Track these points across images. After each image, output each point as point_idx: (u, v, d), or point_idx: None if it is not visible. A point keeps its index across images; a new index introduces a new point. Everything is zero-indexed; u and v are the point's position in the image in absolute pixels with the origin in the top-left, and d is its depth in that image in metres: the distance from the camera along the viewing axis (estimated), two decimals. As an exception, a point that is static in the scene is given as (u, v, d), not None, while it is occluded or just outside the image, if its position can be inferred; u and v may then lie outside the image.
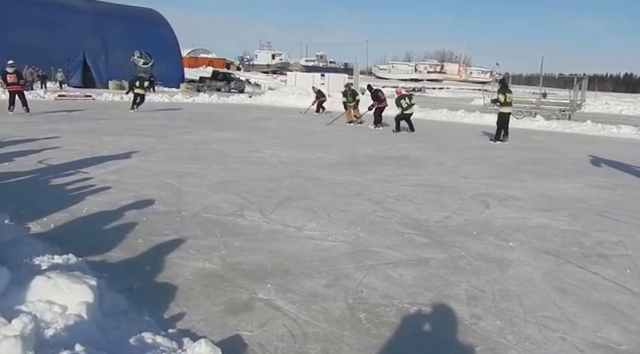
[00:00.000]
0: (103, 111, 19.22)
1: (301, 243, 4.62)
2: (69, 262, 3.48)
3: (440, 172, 8.84)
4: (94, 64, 38.19)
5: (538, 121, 20.60)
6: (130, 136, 11.76)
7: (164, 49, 41.37)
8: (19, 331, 2.25)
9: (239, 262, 4.05)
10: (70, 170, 7.46)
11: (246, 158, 9.38)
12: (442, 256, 4.41)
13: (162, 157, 9.07)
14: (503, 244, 4.82)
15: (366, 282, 3.76)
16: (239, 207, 5.78)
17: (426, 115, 23.59)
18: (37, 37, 34.52)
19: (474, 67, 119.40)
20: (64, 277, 2.90)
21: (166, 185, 6.77)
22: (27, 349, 2.21)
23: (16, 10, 35.26)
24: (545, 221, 5.74)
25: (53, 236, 4.46)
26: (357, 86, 39.55)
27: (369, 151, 11.06)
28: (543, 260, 4.43)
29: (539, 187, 7.80)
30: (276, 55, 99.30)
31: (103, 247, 4.22)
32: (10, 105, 16.25)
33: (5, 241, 3.93)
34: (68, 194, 6.10)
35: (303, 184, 7.21)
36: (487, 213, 6.04)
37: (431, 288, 3.71)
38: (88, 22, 38.81)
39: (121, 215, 5.24)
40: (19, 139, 10.36)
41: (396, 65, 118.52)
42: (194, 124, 15.81)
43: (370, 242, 4.71)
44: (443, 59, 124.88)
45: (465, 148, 12.38)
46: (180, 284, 3.57)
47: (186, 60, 61.76)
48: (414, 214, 5.83)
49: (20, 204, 5.45)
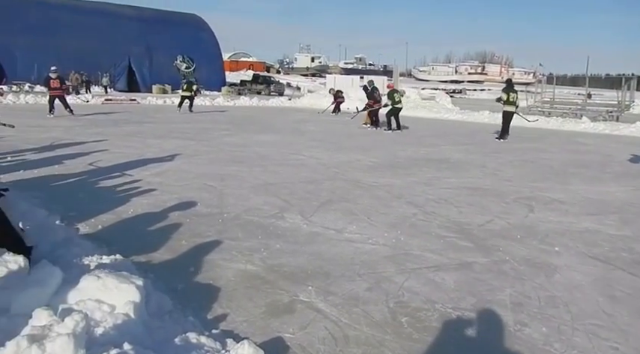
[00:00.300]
0: (147, 114, 19.72)
1: (342, 246, 4.62)
2: (116, 263, 3.59)
3: (482, 174, 8.69)
4: (139, 68, 39.24)
5: (584, 123, 19.94)
6: (173, 139, 12.03)
7: (206, 53, 42.12)
8: (71, 329, 2.33)
9: (280, 264, 4.08)
10: (116, 172, 7.69)
11: (286, 160, 9.45)
12: (485, 261, 4.33)
13: (204, 160, 9.24)
14: (549, 249, 4.70)
15: (408, 286, 3.73)
16: (280, 209, 5.82)
17: (467, 117, 23.24)
18: (86, 43, 35.73)
19: (516, 68, 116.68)
20: (113, 277, 2.98)
21: (208, 187, 6.89)
22: (79, 347, 2.27)
23: (67, 17, 36.64)
24: (593, 226, 5.57)
25: (101, 237, 4.60)
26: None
27: (409, 154, 10.98)
28: (591, 266, 4.30)
29: (586, 190, 7.57)
30: (315, 58, 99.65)
31: (149, 248, 4.32)
32: (50, 108, 17.05)
33: (56, 241, 4.09)
34: (115, 196, 6.29)
35: (343, 187, 7.21)
36: (531, 217, 5.90)
37: (474, 293, 3.64)
38: (133, 28, 39.93)
39: (165, 217, 5.36)
40: (68, 142, 10.74)
41: (436, 67, 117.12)
42: (235, 126, 16.03)
43: (411, 245, 4.67)
44: (484, 60, 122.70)
45: (507, 151, 12.12)
46: (222, 285, 3.62)
47: (227, 64, 62.69)
48: (455, 217, 5.75)
49: (69, 205, 5.64)
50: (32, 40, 33.59)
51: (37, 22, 34.66)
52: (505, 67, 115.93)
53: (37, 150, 9.58)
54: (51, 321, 2.44)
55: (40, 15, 35.43)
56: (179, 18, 44.97)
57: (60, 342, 2.24)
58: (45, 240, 3.98)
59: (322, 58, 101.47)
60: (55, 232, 4.33)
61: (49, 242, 4.00)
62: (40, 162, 8.34)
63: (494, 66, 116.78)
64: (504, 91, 14.93)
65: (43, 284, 2.97)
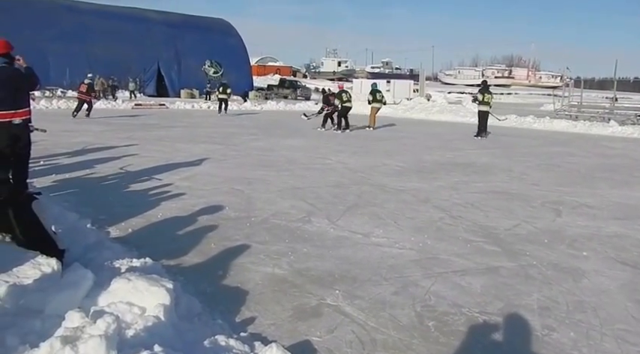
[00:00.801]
0: (176, 119, 20.01)
1: (368, 250, 4.64)
2: (146, 266, 3.66)
3: (509, 179, 8.61)
4: (168, 73, 39.75)
5: (612, 127, 19.50)
6: (202, 144, 12.20)
7: (234, 57, 42.40)
8: (103, 330, 2.39)
9: (307, 268, 4.12)
10: (145, 176, 7.84)
11: (313, 165, 9.51)
12: (512, 265, 4.30)
13: (232, 164, 9.36)
14: (577, 254, 4.64)
15: (434, 290, 3.73)
16: (307, 213, 5.87)
17: (493, 121, 22.90)
18: (116, 48, 36.31)
19: (543, 72, 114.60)
20: (143, 279, 3.05)
21: (236, 191, 6.99)
22: (110, 349, 2.34)
23: (98, 23, 37.31)
24: (622, 230, 5.48)
25: (131, 240, 4.71)
26: (422, 92, 39.16)
27: (435, 158, 10.93)
28: (620, 271, 4.24)
29: (615, 194, 7.44)
30: (342, 62, 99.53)
31: (178, 252, 4.41)
32: (75, 110, 18.35)
33: (88, 244, 4.20)
34: (144, 200, 6.41)
35: (370, 191, 7.23)
36: (559, 221, 5.83)
37: (501, 297, 3.63)
38: (162, 34, 40.43)
39: (193, 221, 5.45)
40: (99, 147, 10.99)
41: (463, 70, 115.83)
42: (262, 131, 16.18)
43: (438, 250, 4.67)
44: (511, 64, 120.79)
45: (534, 155, 11.96)
46: (250, 289, 3.68)
47: (255, 68, 63.06)
48: (482, 221, 5.72)
49: (100, 209, 5.78)
50: (64, 46, 34.28)
51: (69, 29, 35.35)
52: (532, 71, 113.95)
53: (69, 154, 9.83)
54: (83, 323, 2.50)
55: (72, 21, 36.16)
56: (207, 23, 45.40)
57: (92, 343, 2.31)
58: (76, 243, 4.08)
59: (349, 62, 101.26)
60: (86, 236, 4.43)
61: (81, 245, 4.10)
62: (71, 166, 8.57)
63: (521, 69, 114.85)
64: (480, 92, 16.38)
65: (75, 286, 3.04)
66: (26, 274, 3.25)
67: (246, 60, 46.38)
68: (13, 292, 3.00)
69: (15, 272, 3.24)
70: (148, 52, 38.35)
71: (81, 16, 37.26)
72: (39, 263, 3.40)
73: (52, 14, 35.81)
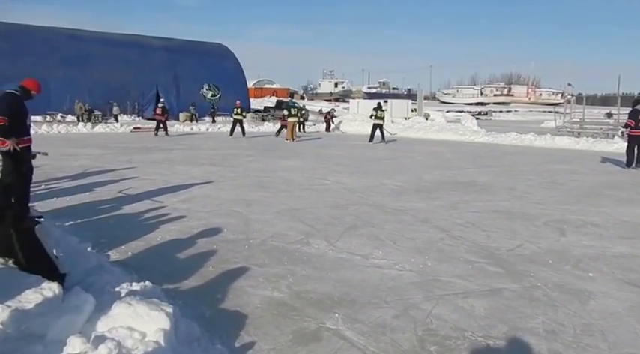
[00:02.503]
0: (175, 142, 20.04)
1: (368, 271, 4.58)
2: (146, 289, 3.62)
3: (510, 197, 8.56)
4: (166, 97, 39.94)
5: (616, 143, 19.44)
6: (200, 166, 12.20)
7: (231, 81, 42.86)
8: (105, 357, 2.36)
9: (306, 291, 4.06)
10: (145, 199, 7.82)
11: (311, 186, 9.48)
12: (516, 287, 4.24)
13: (230, 186, 9.33)
14: (582, 274, 4.58)
15: (436, 313, 3.67)
16: (305, 235, 5.83)
17: (493, 139, 23.01)
18: (116, 73, 36.73)
19: (544, 89, 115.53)
20: (143, 304, 3.03)
21: (235, 213, 6.95)
22: (112, 374, 2.30)
23: (99, 49, 37.83)
24: (629, 250, 5.41)
25: (131, 263, 4.67)
26: (420, 111, 39.33)
27: (435, 177, 10.90)
28: (628, 292, 4.17)
29: (620, 213, 7.38)
30: (338, 83, 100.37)
31: (177, 275, 4.37)
32: (156, 130, 22.85)
33: (88, 268, 4.17)
34: (144, 223, 6.39)
35: (368, 212, 7.19)
36: (563, 241, 5.77)
37: (505, 320, 3.56)
38: (161, 59, 40.92)
39: (192, 243, 5.41)
40: (99, 170, 10.98)
41: (461, 89, 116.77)
42: (260, 152, 16.19)
43: (438, 271, 4.61)
44: (510, 81, 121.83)
45: (536, 173, 11.93)
46: (249, 312, 3.62)
47: (252, 90, 63.55)
48: (483, 241, 5.66)
49: (100, 232, 5.77)
50: (65, 72, 34.68)
51: (70, 55, 35.84)
52: (532, 88, 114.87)
53: (70, 178, 9.83)
54: (85, 348, 2.50)
55: (73, 48, 36.67)
56: (205, 48, 45.94)
57: (94, 369, 2.27)
58: (77, 267, 4.08)
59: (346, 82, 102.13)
60: (87, 259, 4.41)
61: (82, 269, 4.09)
62: (72, 190, 8.55)
63: (520, 87, 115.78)
64: (373, 110, 21.30)
65: (76, 311, 3.04)
66: (28, 299, 3.24)
67: (244, 82, 46.79)
68: (16, 317, 2.99)
69: (17, 297, 3.24)
70: (147, 76, 38.76)
71: (82, 44, 37.83)
72: (41, 288, 3.40)
73: (54, 42, 36.44)
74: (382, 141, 20.22)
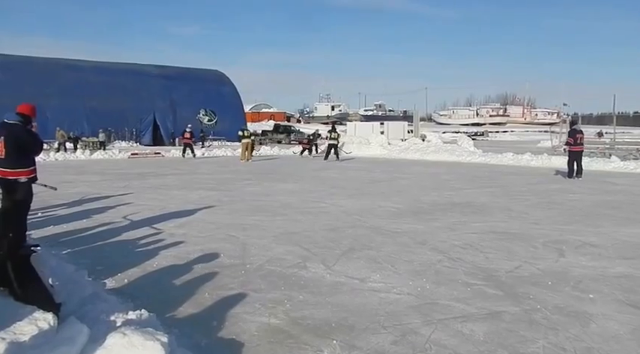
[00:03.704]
0: (171, 167, 20.07)
1: (365, 296, 4.54)
2: (142, 318, 3.58)
3: (508, 218, 8.54)
4: (163, 123, 40.30)
5: (613, 162, 19.44)
6: (197, 190, 12.18)
7: (228, 106, 43.26)
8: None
9: (303, 317, 4.01)
10: (141, 225, 7.79)
11: (308, 209, 9.45)
12: (515, 310, 4.19)
13: (226, 210, 9.30)
14: (583, 296, 4.53)
15: (435, 338, 3.61)
16: (302, 259, 5.78)
17: (490, 160, 23.07)
18: (114, 101, 37.20)
19: (539, 109, 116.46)
20: (138, 334, 2.99)
21: (231, 238, 6.91)
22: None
23: (96, 78, 38.32)
24: (629, 270, 5.36)
25: (127, 291, 4.63)
26: (417, 133, 39.53)
27: (432, 198, 10.88)
28: (630, 314, 4.10)
29: (620, 232, 7.33)
30: (335, 106, 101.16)
31: (173, 302, 4.32)
32: (183, 153, 26.11)
33: (84, 296, 4.12)
34: (140, 249, 6.35)
35: (366, 234, 7.15)
36: (562, 261, 5.73)
37: (505, 345, 3.50)
38: (158, 86, 41.39)
39: (189, 269, 5.37)
40: (96, 197, 10.96)
41: (457, 110, 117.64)
42: (256, 176, 16.18)
43: (437, 294, 4.57)
44: (505, 102, 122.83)
45: (534, 193, 11.93)
46: (246, 340, 3.57)
47: (249, 115, 63.93)
48: (482, 263, 5.62)
49: (97, 259, 5.73)
50: (63, 101, 35.12)
51: (68, 84, 36.33)
52: (528, 108, 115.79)
53: (67, 205, 9.79)
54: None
55: (71, 77, 37.19)
56: (202, 74, 46.46)
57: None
58: (73, 295, 4.05)
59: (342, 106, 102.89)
60: (83, 288, 4.37)
61: (77, 298, 4.05)
62: (69, 217, 8.53)
63: (516, 107, 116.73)
64: (327, 132, 24.11)
65: (70, 343, 3.00)
66: (22, 331, 3.20)
67: (240, 107, 47.25)
68: (10, 350, 2.94)
69: (12, 328, 3.19)
70: (144, 103, 39.21)
71: (80, 73, 38.43)
72: (35, 318, 3.36)
73: (52, 72, 37.02)
74: (337, 159, 22.86)
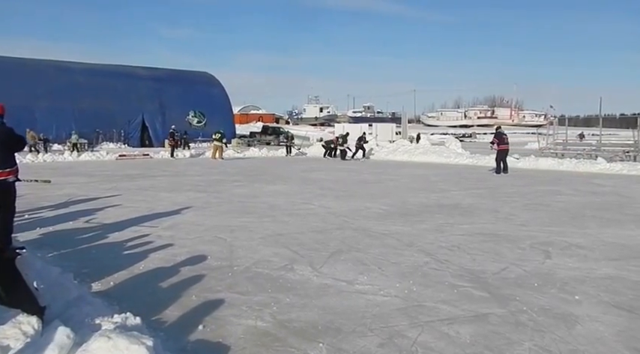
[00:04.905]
0: (160, 168, 19.96)
1: (352, 298, 4.53)
2: (127, 321, 3.54)
3: (495, 220, 8.58)
4: (152, 124, 40.06)
5: (600, 164, 19.63)
6: (185, 192, 12.12)
7: (217, 108, 43.14)
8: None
9: (290, 320, 4.00)
10: (128, 227, 7.73)
11: (296, 210, 9.43)
12: (501, 312, 4.21)
13: (214, 212, 9.26)
14: (569, 298, 4.56)
15: (421, 341, 3.61)
16: (289, 261, 5.77)
17: (478, 161, 23.20)
18: (103, 102, 37.00)
19: (527, 111, 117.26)
20: (123, 337, 2.95)
21: (219, 240, 6.88)
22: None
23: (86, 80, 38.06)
24: (615, 272, 5.40)
25: (113, 294, 4.59)
26: (405, 134, 39.66)
27: (420, 200, 10.92)
28: (615, 316, 4.14)
29: (606, 234, 7.39)
30: (323, 107, 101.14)
31: (159, 305, 4.28)
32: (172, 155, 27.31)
33: (69, 300, 4.07)
34: (126, 251, 6.30)
35: (353, 236, 7.15)
36: (548, 263, 5.77)
37: (491, 347, 3.52)
38: (147, 87, 41.18)
39: (175, 271, 5.33)
40: (83, 199, 10.86)
41: (445, 112, 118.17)
42: (245, 177, 16.14)
43: (424, 296, 4.57)
44: (493, 104, 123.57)
45: (520, 194, 12.01)
46: (232, 344, 3.55)
47: (238, 117, 63.86)
48: (469, 265, 5.64)
49: (83, 262, 5.68)
50: (52, 102, 34.86)
51: (57, 86, 36.03)
52: (515, 110, 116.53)
53: (53, 207, 9.70)
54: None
55: (60, 79, 36.87)
56: (191, 76, 46.27)
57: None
58: (58, 299, 3.98)
59: (331, 107, 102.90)
60: (68, 291, 4.31)
61: (62, 301, 3.99)
62: (55, 219, 8.44)
63: (504, 109, 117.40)
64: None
65: (55, 346, 2.97)
66: (6, 334, 3.15)
67: (229, 108, 47.11)
68: (-8, 355, 2.89)
69: (-5, 333, 3.13)
70: (133, 104, 39.04)
71: (69, 75, 38.18)
72: (19, 322, 3.31)
73: (42, 73, 36.79)
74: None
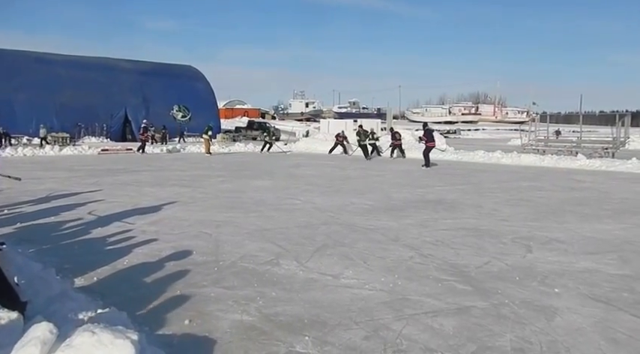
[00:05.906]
0: (143, 163, 19.80)
1: (338, 292, 4.57)
2: (111, 316, 3.52)
3: (478, 215, 8.69)
4: (135, 118, 39.64)
5: (580, 160, 19.98)
6: (169, 187, 12.06)
7: (202, 102, 42.73)
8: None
9: (276, 313, 4.02)
10: (111, 222, 7.67)
11: (282, 205, 9.45)
12: (484, 304, 4.28)
13: (199, 207, 9.23)
14: (548, 291, 4.65)
15: (406, 333, 3.66)
16: (275, 255, 5.79)
17: (462, 157, 23.40)
18: (84, 96, 36.29)
19: (510, 108, 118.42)
20: (108, 332, 2.93)
21: (204, 235, 6.87)
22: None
23: (67, 72, 37.35)
24: (593, 265, 5.53)
25: (96, 289, 4.55)
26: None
27: (404, 195, 11.00)
28: (592, 307, 4.24)
29: (585, 228, 7.55)
30: (309, 103, 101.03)
31: (144, 300, 4.27)
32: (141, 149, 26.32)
33: (51, 295, 4.03)
34: (110, 246, 6.26)
35: (339, 231, 7.19)
36: (529, 257, 5.87)
37: (473, 339, 3.58)
38: (130, 81, 40.59)
39: (160, 266, 5.31)
40: (65, 194, 10.74)
41: (430, 108, 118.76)
42: (230, 173, 16.10)
43: (408, 290, 4.63)
44: (477, 101, 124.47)
45: (503, 190, 12.16)
46: (218, 338, 3.56)
47: (223, 111, 63.43)
48: (452, 259, 5.72)
49: (65, 257, 5.62)
50: (31, 95, 34.19)
51: (37, 78, 35.31)
52: (499, 107, 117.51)
53: (34, 202, 9.57)
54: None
55: (40, 71, 36.13)
56: (175, 70, 45.78)
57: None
58: (40, 294, 3.94)
59: (316, 103, 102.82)
60: (51, 286, 4.28)
61: (44, 296, 3.95)
62: (36, 214, 8.33)
63: (487, 106, 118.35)
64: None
65: (37, 342, 2.91)
66: (-15, 330, 3.10)
67: (214, 103, 46.77)
68: (-27, 351, 2.86)
69: (-25, 329, 3.09)
70: (116, 98, 38.44)
71: (50, 67, 37.39)
72: (0, 318, 3.26)
73: (21, 65, 36.01)
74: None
